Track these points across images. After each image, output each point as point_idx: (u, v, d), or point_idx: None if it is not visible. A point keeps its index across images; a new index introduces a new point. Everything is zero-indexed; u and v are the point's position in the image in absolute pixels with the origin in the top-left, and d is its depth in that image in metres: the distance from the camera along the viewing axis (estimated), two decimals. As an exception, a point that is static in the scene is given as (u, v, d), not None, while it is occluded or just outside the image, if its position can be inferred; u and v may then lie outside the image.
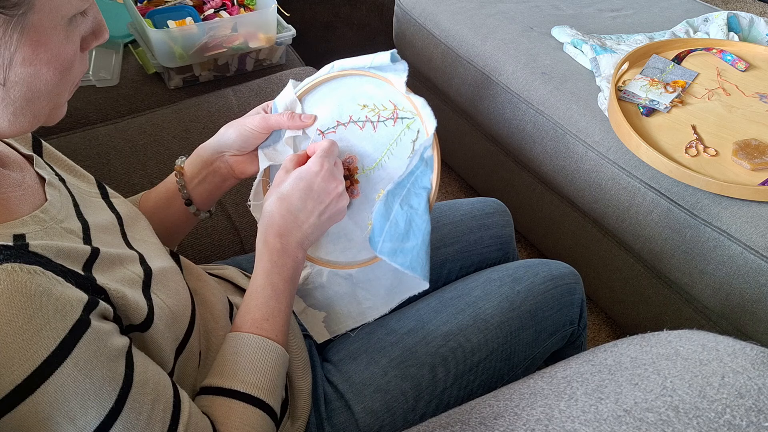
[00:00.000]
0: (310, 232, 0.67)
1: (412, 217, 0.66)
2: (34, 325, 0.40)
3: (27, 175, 0.54)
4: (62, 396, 0.42)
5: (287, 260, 0.65)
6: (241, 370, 0.60)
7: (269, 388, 0.60)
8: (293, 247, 0.66)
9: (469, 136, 1.53)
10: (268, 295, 0.64)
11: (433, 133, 0.67)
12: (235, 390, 0.58)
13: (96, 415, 0.43)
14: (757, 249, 0.95)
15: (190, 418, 0.52)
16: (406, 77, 0.68)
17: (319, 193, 0.66)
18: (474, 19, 1.44)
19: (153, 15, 1.24)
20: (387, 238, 0.67)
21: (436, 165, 0.67)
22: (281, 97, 0.74)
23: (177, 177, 0.75)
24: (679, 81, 1.19)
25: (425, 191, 0.66)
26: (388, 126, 0.71)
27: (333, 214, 0.68)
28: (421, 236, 0.65)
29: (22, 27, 0.42)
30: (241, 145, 0.73)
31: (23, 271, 0.41)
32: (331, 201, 0.67)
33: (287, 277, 0.65)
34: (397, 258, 0.66)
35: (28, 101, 0.46)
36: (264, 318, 0.63)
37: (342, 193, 0.68)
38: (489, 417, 0.55)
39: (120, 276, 0.52)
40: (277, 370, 0.62)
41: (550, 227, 1.38)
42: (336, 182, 0.67)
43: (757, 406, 0.50)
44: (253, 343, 0.61)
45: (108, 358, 0.45)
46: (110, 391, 0.44)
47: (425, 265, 0.66)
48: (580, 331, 0.90)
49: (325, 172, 0.66)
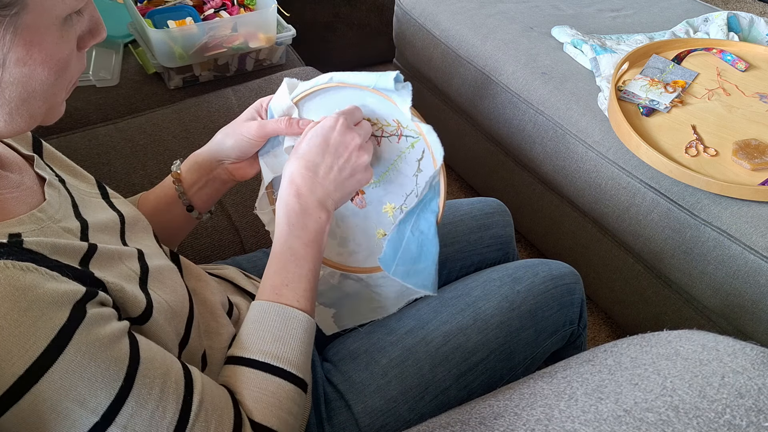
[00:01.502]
0: (333, 189, 0.65)
1: (422, 242, 0.68)
2: (30, 317, 0.41)
3: (26, 176, 0.54)
4: (68, 382, 0.42)
5: (307, 221, 0.63)
6: (260, 339, 0.58)
7: (291, 357, 0.58)
8: (313, 207, 0.64)
9: (469, 136, 1.53)
10: (287, 259, 0.62)
11: (440, 163, 0.67)
12: (254, 359, 0.57)
13: (106, 396, 0.44)
14: (757, 249, 0.95)
15: (204, 387, 0.52)
16: (411, 101, 0.66)
17: (336, 147, 0.65)
18: (474, 19, 1.44)
19: (153, 15, 1.24)
20: (400, 262, 0.69)
21: (443, 189, 0.68)
22: (276, 101, 0.73)
23: (176, 184, 0.75)
24: (679, 81, 1.19)
25: (433, 215, 0.68)
26: (392, 142, 0.71)
27: (354, 170, 0.66)
28: (431, 258, 0.68)
29: (15, 27, 0.42)
30: (239, 153, 0.73)
31: (16, 267, 0.41)
32: (350, 154, 0.65)
33: (308, 241, 0.63)
34: (410, 279, 0.69)
35: (23, 101, 0.46)
36: (283, 284, 0.62)
37: (362, 146, 0.66)
38: (489, 417, 0.55)
39: (117, 271, 0.52)
40: (299, 338, 0.60)
41: (550, 227, 1.38)
42: (353, 134, 0.65)
43: (757, 406, 0.50)
44: (272, 311, 0.60)
45: (110, 340, 0.45)
46: (117, 371, 0.44)
47: (435, 281, 0.69)
48: (580, 331, 0.90)
49: (340, 125, 0.65)
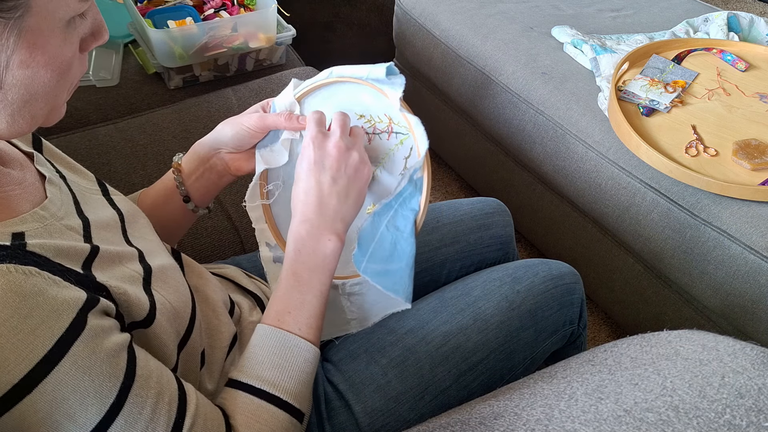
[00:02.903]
0: (335, 202, 0.63)
1: (397, 239, 0.65)
2: (29, 325, 0.40)
3: (28, 172, 0.54)
4: (61, 395, 0.42)
5: (314, 246, 0.62)
6: (259, 365, 0.58)
7: (288, 386, 0.58)
8: (321, 230, 0.62)
9: (469, 136, 1.53)
10: (291, 285, 0.62)
11: (424, 154, 0.66)
12: (251, 385, 0.57)
13: (97, 412, 0.43)
14: (757, 249, 0.95)
15: (197, 409, 0.51)
16: (402, 93, 0.66)
17: (320, 162, 0.63)
18: (474, 19, 1.44)
19: (153, 15, 1.24)
20: (371, 259, 0.65)
21: (425, 187, 0.66)
22: (281, 98, 0.74)
23: (174, 174, 0.75)
24: (679, 81, 1.19)
25: (413, 213, 0.65)
26: (382, 139, 0.70)
27: (350, 173, 0.64)
28: (405, 259, 0.64)
29: (18, 30, 0.42)
30: (237, 143, 0.72)
31: (18, 271, 0.41)
32: (336, 161, 0.63)
33: (314, 266, 0.62)
34: (380, 279, 0.65)
35: (25, 103, 0.46)
36: (285, 310, 0.61)
37: (347, 147, 0.64)
38: (489, 417, 0.55)
39: (120, 274, 0.52)
40: (298, 367, 0.59)
41: (550, 227, 1.38)
42: (332, 141, 0.64)
43: (757, 406, 0.50)
44: (273, 337, 0.60)
45: (108, 355, 0.44)
46: (110, 387, 0.44)
47: (408, 287, 0.64)
48: (580, 331, 0.90)
49: (315, 140, 0.64)
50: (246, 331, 0.73)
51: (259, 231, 0.77)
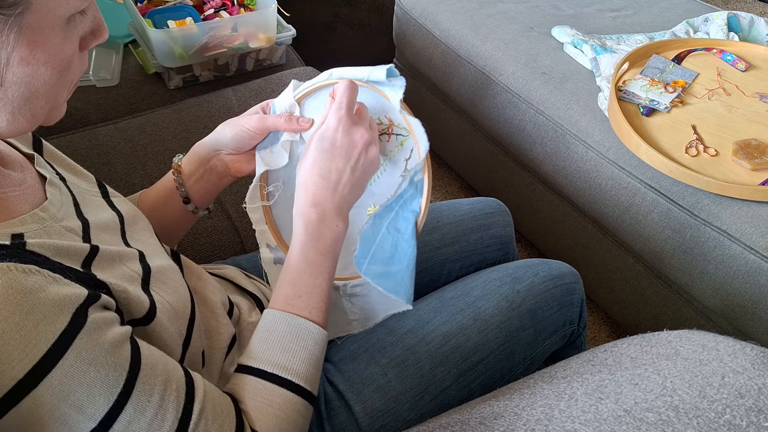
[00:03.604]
0: (347, 192, 0.64)
1: (398, 241, 0.65)
2: (31, 321, 0.41)
3: (28, 174, 0.54)
4: (67, 387, 0.42)
5: (324, 231, 0.63)
6: (269, 349, 0.58)
7: (299, 369, 0.58)
8: (331, 215, 0.63)
9: (469, 136, 1.53)
10: (302, 269, 0.62)
11: (425, 156, 0.66)
12: (262, 369, 0.57)
13: (105, 402, 0.44)
14: (757, 249, 0.95)
15: (206, 395, 0.52)
16: (403, 94, 0.66)
17: (345, 148, 0.63)
18: (474, 19, 1.44)
19: (153, 15, 1.24)
20: (372, 260, 0.66)
21: (426, 189, 0.66)
22: (281, 99, 0.74)
23: (174, 175, 0.75)
24: (679, 81, 1.19)
25: (413, 215, 0.65)
26: (383, 141, 0.70)
27: (366, 167, 0.65)
28: (406, 261, 0.65)
29: (19, 27, 0.42)
30: (237, 144, 0.72)
31: (18, 270, 0.41)
32: (359, 153, 0.64)
33: (324, 250, 0.63)
34: (381, 281, 0.66)
35: (26, 101, 0.46)
36: (296, 294, 0.61)
37: (370, 141, 0.65)
38: (489, 417, 0.55)
39: (119, 273, 0.52)
40: (309, 350, 0.59)
41: (550, 227, 1.38)
42: (358, 130, 0.64)
43: (757, 406, 0.50)
44: (283, 322, 0.60)
45: (112, 345, 0.45)
46: (117, 377, 0.44)
47: (409, 288, 0.65)
48: (580, 331, 0.90)
49: (344, 124, 0.64)
50: (245, 332, 0.73)
51: (259, 232, 0.77)
